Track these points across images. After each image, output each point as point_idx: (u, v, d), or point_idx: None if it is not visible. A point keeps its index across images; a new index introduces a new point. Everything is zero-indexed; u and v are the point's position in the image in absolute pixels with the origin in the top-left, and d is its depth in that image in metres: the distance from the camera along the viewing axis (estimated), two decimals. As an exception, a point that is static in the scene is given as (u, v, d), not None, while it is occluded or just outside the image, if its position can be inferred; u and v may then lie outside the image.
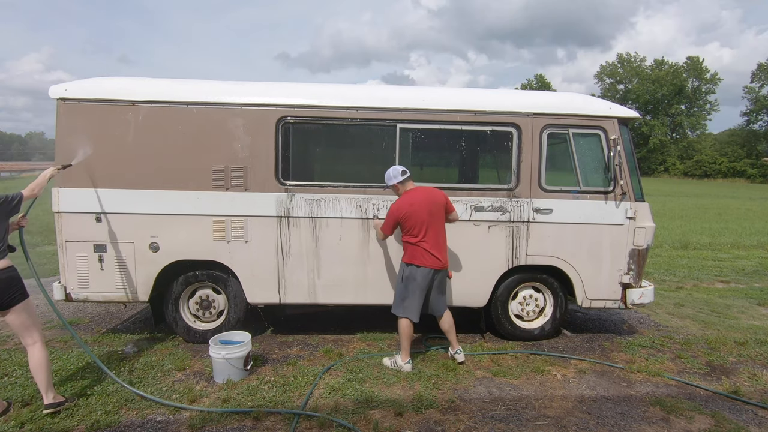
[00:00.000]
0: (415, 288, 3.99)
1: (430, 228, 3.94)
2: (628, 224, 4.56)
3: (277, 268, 4.50)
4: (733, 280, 8.13)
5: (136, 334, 4.90)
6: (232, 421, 3.23)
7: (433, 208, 3.96)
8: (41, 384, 3.24)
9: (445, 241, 4.09)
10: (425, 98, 4.52)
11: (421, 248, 3.94)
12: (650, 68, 64.02)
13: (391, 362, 4.13)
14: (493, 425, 3.28)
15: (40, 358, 3.23)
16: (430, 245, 3.95)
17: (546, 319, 4.82)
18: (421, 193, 4.00)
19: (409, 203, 3.93)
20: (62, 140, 4.28)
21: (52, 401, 3.25)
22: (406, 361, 4.07)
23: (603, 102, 4.77)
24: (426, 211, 3.92)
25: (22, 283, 3.25)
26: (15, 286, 3.18)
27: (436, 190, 4.10)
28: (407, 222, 3.93)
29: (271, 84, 4.65)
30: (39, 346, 3.25)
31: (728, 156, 55.42)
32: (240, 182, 4.38)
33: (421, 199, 3.94)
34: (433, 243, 3.96)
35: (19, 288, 3.20)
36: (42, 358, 3.24)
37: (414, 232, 3.94)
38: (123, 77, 4.59)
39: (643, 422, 3.36)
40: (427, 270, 3.97)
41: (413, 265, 3.99)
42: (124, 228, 4.33)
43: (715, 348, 4.75)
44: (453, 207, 4.15)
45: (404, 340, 4.07)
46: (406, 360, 4.07)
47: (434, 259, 3.97)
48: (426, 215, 3.92)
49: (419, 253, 3.96)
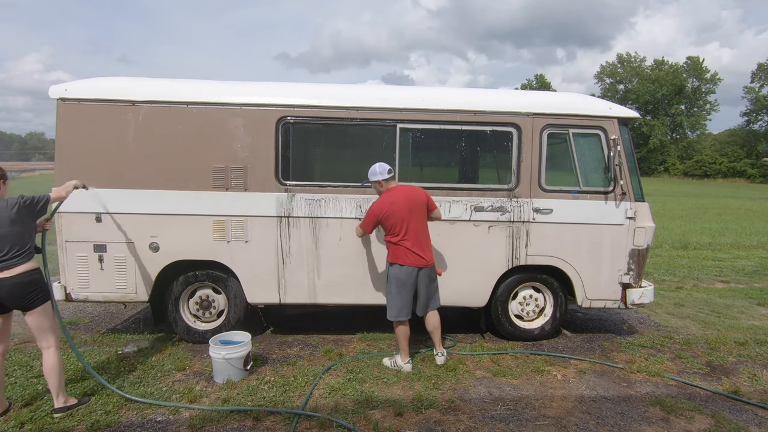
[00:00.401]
0: (401, 287, 3.98)
1: (411, 226, 3.92)
2: (628, 224, 4.56)
3: (277, 268, 4.50)
4: (733, 280, 8.13)
5: (136, 334, 4.90)
6: (232, 421, 3.23)
7: (413, 206, 3.94)
8: (52, 387, 3.25)
9: (428, 238, 4.06)
10: (425, 98, 4.52)
11: (403, 247, 3.93)
12: (650, 68, 64.03)
13: (391, 362, 4.13)
14: (493, 425, 3.28)
15: (53, 363, 3.25)
16: (411, 243, 3.93)
17: (546, 319, 4.82)
18: (401, 191, 3.98)
19: (390, 202, 3.92)
20: (62, 140, 4.28)
21: (63, 405, 3.27)
22: (405, 361, 4.07)
23: (603, 102, 4.77)
24: (406, 210, 3.91)
25: (44, 286, 3.25)
26: (37, 289, 3.18)
27: (416, 188, 4.08)
28: (388, 221, 3.91)
29: (271, 84, 4.65)
30: (53, 350, 3.26)
31: (728, 156, 55.44)
32: (240, 182, 4.38)
33: (402, 197, 3.93)
34: (414, 241, 3.94)
35: (41, 291, 3.20)
36: (55, 362, 3.25)
37: (395, 231, 3.92)
38: (123, 77, 4.59)
39: (643, 422, 3.36)
40: (411, 268, 3.95)
41: (397, 264, 3.98)
42: (124, 228, 4.33)
43: (715, 348, 4.75)
44: (435, 205, 4.13)
45: (401, 340, 4.08)
46: (406, 360, 4.07)
47: (417, 257, 3.95)
48: (406, 213, 3.90)
49: (401, 252, 3.94)
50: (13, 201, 3.12)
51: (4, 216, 3.06)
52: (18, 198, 3.14)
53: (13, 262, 3.08)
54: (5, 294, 3.08)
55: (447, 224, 4.51)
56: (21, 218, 3.11)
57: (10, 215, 3.07)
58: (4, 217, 3.06)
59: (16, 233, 3.09)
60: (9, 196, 3.18)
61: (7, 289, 3.07)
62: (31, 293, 3.14)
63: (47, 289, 3.27)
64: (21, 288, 3.10)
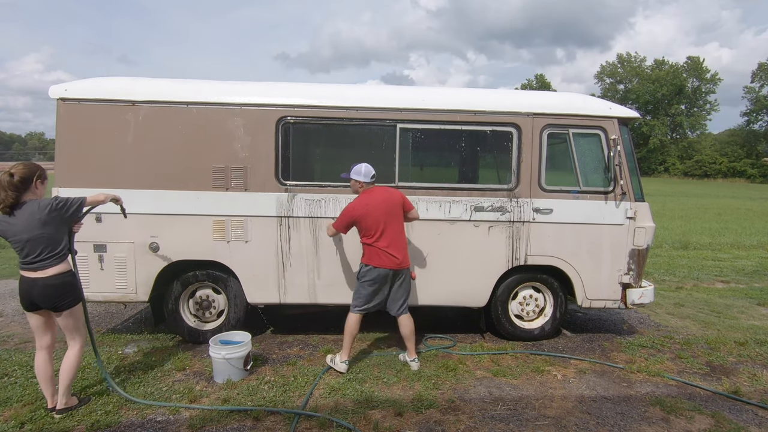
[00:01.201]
0: (368, 287, 3.95)
1: (387, 228, 3.89)
2: (628, 224, 4.56)
3: (277, 269, 4.50)
4: (733, 280, 8.13)
5: (136, 334, 4.90)
6: (232, 421, 3.23)
7: (389, 208, 3.91)
8: (61, 385, 3.26)
9: (403, 240, 4.02)
10: (425, 98, 4.52)
11: (377, 248, 3.89)
12: (650, 68, 64.08)
13: (329, 359, 4.12)
14: (493, 425, 3.28)
15: (70, 362, 3.26)
16: (386, 244, 3.89)
17: (546, 319, 4.82)
18: (377, 193, 3.95)
19: (365, 204, 3.89)
20: (62, 140, 4.28)
21: (64, 406, 3.27)
22: (343, 359, 4.01)
23: (603, 102, 4.77)
24: (382, 211, 3.87)
25: (75, 288, 3.24)
26: (69, 292, 3.17)
27: (392, 189, 4.06)
28: (362, 222, 3.89)
29: (271, 84, 4.65)
30: (75, 351, 3.27)
31: (728, 156, 55.50)
32: (240, 182, 4.38)
33: (378, 199, 3.90)
34: (389, 242, 3.90)
35: (71, 294, 3.19)
36: (72, 362, 3.26)
37: (370, 233, 3.90)
38: (123, 77, 4.59)
39: (643, 422, 3.36)
40: (385, 270, 3.92)
41: (370, 266, 3.95)
42: (124, 228, 4.32)
43: (715, 348, 4.75)
44: (411, 205, 4.09)
45: (346, 335, 4.03)
46: (344, 359, 4.02)
47: (391, 258, 3.91)
48: (382, 215, 3.87)
49: (375, 253, 3.91)
50: (46, 202, 3.08)
51: (35, 218, 3.03)
52: (51, 199, 3.12)
53: (46, 264, 3.08)
54: (38, 294, 3.08)
55: (447, 224, 4.51)
56: (52, 220, 3.08)
57: (42, 217, 3.04)
58: (35, 219, 3.03)
59: (48, 235, 3.07)
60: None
61: (40, 289, 3.07)
62: (62, 296, 3.13)
63: (77, 293, 3.27)
64: (53, 290, 3.09)
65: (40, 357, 3.26)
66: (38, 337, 3.26)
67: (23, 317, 5.42)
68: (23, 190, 3.03)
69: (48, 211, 3.05)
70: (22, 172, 3.03)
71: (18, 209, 3.02)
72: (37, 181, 3.09)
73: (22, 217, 3.01)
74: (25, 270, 3.09)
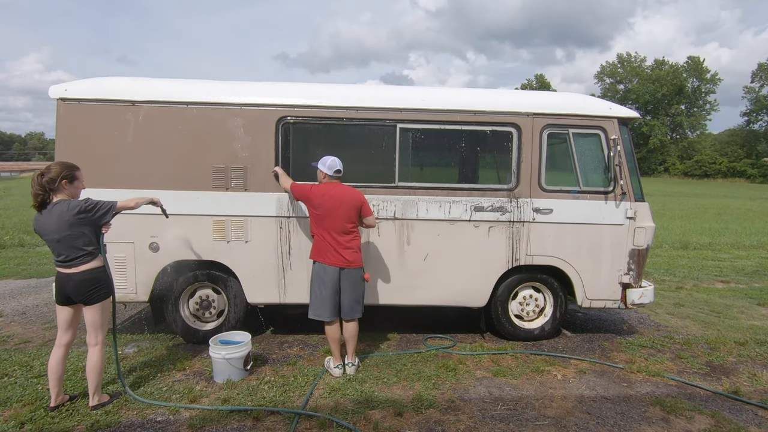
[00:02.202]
0: (322, 286, 3.89)
1: (336, 224, 3.82)
2: (628, 224, 4.56)
3: (278, 268, 4.50)
4: (733, 280, 8.13)
5: (136, 334, 4.90)
6: (232, 421, 3.23)
7: (342, 205, 3.81)
8: (91, 386, 3.33)
9: (354, 241, 3.91)
10: (425, 98, 4.52)
11: (326, 243, 3.84)
12: (650, 68, 64.10)
13: (325, 362, 4.11)
14: (493, 425, 3.28)
15: (95, 361, 3.30)
16: (334, 242, 3.83)
17: (546, 319, 4.82)
18: (336, 189, 3.87)
19: (322, 194, 3.84)
20: (62, 140, 4.28)
21: (97, 402, 3.34)
22: (335, 365, 3.97)
23: (603, 102, 4.77)
24: (334, 207, 3.80)
25: (105, 284, 3.28)
26: (98, 286, 3.22)
27: (354, 190, 3.95)
28: (314, 210, 3.85)
29: (271, 84, 4.65)
30: (99, 348, 3.31)
31: (728, 156, 55.53)
32: (240, 182, 4.38)
33: (335, 196, 3.82)
34: (338, 239, 3.83)
35: (102, 288, 3.25)
36: (96, 361, 3.30)
37: (318, 221, 3.85)
38: (123, 77, 4.59)
39: (643, 422, 3.36)
40: (332, 268, 3.85)
41: (318, 262, 3.91)
42: (124, 228, 4.31)
43: (715, 348, 4.75)
44: (370, 211, 3.95)
45: (330, 342, 3.98)
46: (336, 364, 3.97)
47: (339, 257, 3.84)
48: (332, 210, 3.80)
49: (324, 248, 3.86)
50: (75, 204, 3.11)
51: (63, 219, 3.06)
52: (81, 201, 3.15)
53: (77, 261, 3.15)
54: (72, 288, 3.17)
55: (447, 224, 4.51)
56: (80, 222, 3.11)
57: (69, 218, 3.07)
58: (64, 221, 3.06)
59: (76, 235, 3.11)
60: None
61: (74, 284, 3.16)
62: (93, 289, 3.21)
63: (109, 286, 3.32)
64: (85, 284, 3.17)
65: (56, 354, 3.29)
66: (61, 332, 3.31)
67: (23, 317, 5.42)
68: (50, 190, 3.10)
69: (76, 212, 3.09)
70: (49, 171, 3.10)
71: (49, 208, 3.09)
72: (63, 182, 3.13)
73: (52, 218, 3.07)
74: (59, 266, 3.17)
